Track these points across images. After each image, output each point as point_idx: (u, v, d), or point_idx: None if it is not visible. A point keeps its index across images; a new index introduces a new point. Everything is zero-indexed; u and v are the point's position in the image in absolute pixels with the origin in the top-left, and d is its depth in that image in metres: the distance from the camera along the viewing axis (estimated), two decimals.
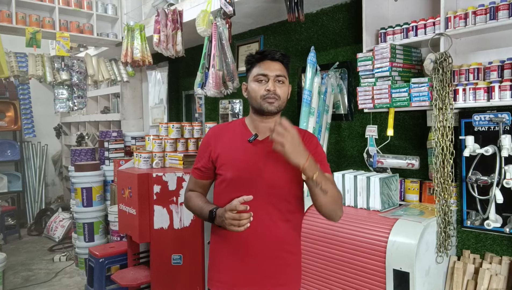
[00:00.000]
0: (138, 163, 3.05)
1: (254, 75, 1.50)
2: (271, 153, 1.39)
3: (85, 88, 4.40)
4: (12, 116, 5.95)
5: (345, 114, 2.79)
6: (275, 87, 1.47)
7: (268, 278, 1.48)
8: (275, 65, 1.49)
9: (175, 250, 2.79)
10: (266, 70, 1.48)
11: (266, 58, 1.50)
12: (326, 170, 1.50)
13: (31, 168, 6.37)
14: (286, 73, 1.53)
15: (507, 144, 1.85)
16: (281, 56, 1.51)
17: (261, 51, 1.53)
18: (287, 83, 1.53)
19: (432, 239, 1.97)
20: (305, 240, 2.26)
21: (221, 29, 2.83)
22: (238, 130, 1.57)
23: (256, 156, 1.48)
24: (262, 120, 1.53)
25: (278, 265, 1.49)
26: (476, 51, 2.11)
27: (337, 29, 2.84)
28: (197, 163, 1.62)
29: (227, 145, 1.54)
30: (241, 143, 1.52)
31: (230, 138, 1.55)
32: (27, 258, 4.76)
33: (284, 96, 1.51)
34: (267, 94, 1.46)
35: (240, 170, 1.48)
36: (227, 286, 1.51)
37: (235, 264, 1.49)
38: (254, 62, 1.52)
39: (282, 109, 1.53)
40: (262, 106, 1.48)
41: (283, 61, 1.52)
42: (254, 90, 1.49)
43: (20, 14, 3.54)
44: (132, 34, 3.76)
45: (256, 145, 1.50)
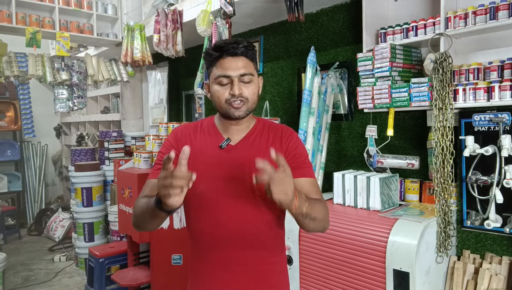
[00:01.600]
0: (138, 163, 3.05)
1: (215, 77, 1.27)
2: (246, 158, 1.27)
3: (85, 88, 4.40)
4: (12, 116, 5.95)
5: (345, 114, 2.79)
6: (241, 89, 1.25)
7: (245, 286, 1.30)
8: (237, 62, 1.25)
9: (175, 250, 2.79)
10: (228, 70, 1.24)
11: (226, 54, 1.25)
12: (308, 174, 1.33)
13: (31, 168, 6.37)
14: (253, 68, 1.29)
15: (507, 144, 1.85)
16: (244, 49, 1.26)
17: (219, 45, 1.27)
18: (256, 80, 1.30)
19: (432, 239, 1.97)
20: (305, 240, 2.26)
21: (221, 29, 2.83)
22: (207, 132, 1.35)
23: (229, 165, 1.27)
24: (232, 122, 1.32)
25: (261, 278, 1.31)
26: (476, 51, 2.11)
27: (337, 29, 2.84)
28: (158, 165, 1.31)
29: (197, 151, 1.29)
30: (212, 149, 1.31)
31: (200, 142, 1.34)
32: (27, 258, 4.76)
33: (254, 97, 1.29)
34: (231, 98, 1.25)
35: (211, 182, 1.26)
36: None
37: (217, 283, 1.30)
38: (213, 61, 1.27)
39: (252, 110, 1.32)
40: (228, 112, 1.27)
41: (247, 55, 1.28)
42: (217, 93, 1.27)
43: (20, 14, 3.54)
44: (132, 34, 3.76)
45: (229, 151, 1.30)
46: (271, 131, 1.36)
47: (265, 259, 1.32)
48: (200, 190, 1.26)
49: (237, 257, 1.28)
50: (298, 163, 1.32)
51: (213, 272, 1.30)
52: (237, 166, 1.26)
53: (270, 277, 1.33)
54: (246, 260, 1.29)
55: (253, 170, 1.11)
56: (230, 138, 1.32)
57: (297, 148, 1.35)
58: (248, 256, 1.29)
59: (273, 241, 1.35)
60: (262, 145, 1.33)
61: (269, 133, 1.36)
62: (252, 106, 1.30)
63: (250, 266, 1.30)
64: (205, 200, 1.28)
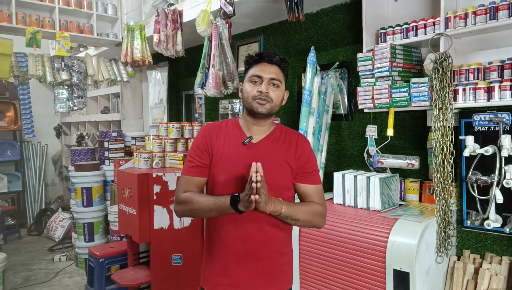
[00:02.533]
0: (138, 163, 3.05)
1: (249, 76, 1.49)
2: (265, 156, 1.46)
3: (85, 88, 4.39)
4: (12, 116, 5.95)
5: (345, 114, 2.79)
6: (268, 89, 1.46)
7: (260, 277, 1.49)
8: (271, 68, 1.48)
9: (175, 250, 2.79)
10: (261, 72, 1.47)
11: (263, 60, 1.49)
12: (315, 182, 1.54)
13: (31, 168, 6.37)
14: (282, 77, 1.51)
15: (507, 144, 1.85)
16: (279, 60, 1.50)
17: (260, 52, 1.53)
18: (283, 88, 1.52)
19: (432, 239, 1.97)
20: (305, 240, 2.26)
21: (221, 29, 2.83)
22: (231, 131, 1.55)
23: (250, 159, 1.41)
24: (255, 122, 1.52)
25: (270, 266, 1.50)
26: (476, 51, 2.11)
27: (337, 29, 2.84)
28: (194, 161, 1.52)
29: (222, 145, 1.51)
30: (235, 145, 1.50)
31: (224, 138, 1.53)
32: (27, 258, 4.76)
33: (278, 100, 1.50)
34: (258, 95, 1.46)
35: (233, 173, 1.46)
36: (215, 286, 1.52)
37: (228, 265, 1.49)
38: (252, 63, 1.51)
39: (274, 112, 1.52)
40: (252, 106, 1.47)
41: (280, 65, 1.51)
42: (247, 90, 1.49)
43: (20, 14, 3.54)
44: (132, 34, 3.76)
45: (250, 148, 1.50)
46: (288, 136, 1.57)
47: (277, 235, 1.51)
48: (222, 179, 1.47)
49: (253, 232, 1.47)
50: (308, 170, 1.53)
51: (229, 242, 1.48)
52: (256, 160, 1.38)
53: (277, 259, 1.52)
54: (259, 235, 1.47)
55: (270, 166, 1.42)
56: (252, 137, 1.51)
57: (309, 156, 1.55)
58: (261, 233, 1.47)
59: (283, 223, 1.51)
60: (279, 146, 1.53)
61: (286, 137, 1.56)
62: (274, 108, 1.50)
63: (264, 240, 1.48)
64: (226, 188, 1.46)
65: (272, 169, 1.45)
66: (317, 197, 1.52)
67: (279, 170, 1.48)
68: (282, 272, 1.54)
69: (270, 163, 1.44)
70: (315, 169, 1.56)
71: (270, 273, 1.50)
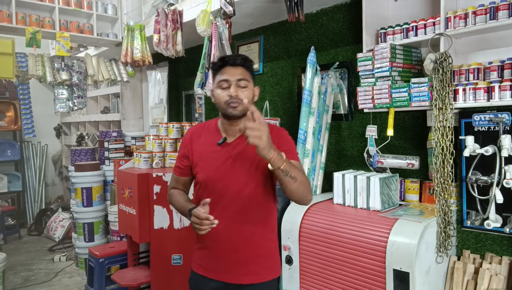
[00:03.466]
0: (138, 163, 3.05)
1: (217, 82, 1.57)
2: (238, 154, 1.57)
3: (85, 88, 4.39)
4: (12, 116, 5.95)
5: (345, 114, 2.79)
6: (238, 91, 1.53)
7: (239, 267, 1.59)
8: (236, 70, 1.55)
9: (175, 250, 2.79)
10: (227, 75, 1.54)
11: (227, 64, 1.56)
12: (294, 158, 1.57)
13: (31, 168, 6.37)
14: (249, 76, 1.58)
15: (507, 144, 1.85)
16: (242, 60, 1.57)
17: (222, 57, 1.60)
18: (251, 86, 1.59)
19: (432, 239, 1.97)
20: (305, 240, 2.26)
21: (221, 29, 2.83)
22: (210, 132, 1.67)
23: (224, 159, 1.58)
24: (230, 123, 1.61)
25: (249, 258, 1.60)
26: (476, 51, 2.11)
27: (337, 29, 2.84)
28: (177, 161, 1.73)
29: (201, 147, 1.65)
30: (211, 145, 1.62)
31: (204, 139, 1.66)
32: (27, 258, 4.76)
33: (249, 99, 1.56)
34: (229, 100, 1.53)
35: (210, 172, 1.59)
36: (202, 270, 1.66)
37: (210, 253, 1.63)
38: (217, 69, 1.58)
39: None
40: (226, 111, 1.56)
41: (244, 65, 1.57)
42: (218, 96, 1.56)
43: (20, 14, 3.54)
44: (132, 34, 3.76)
45: (225, 147, 1.60)
46: None
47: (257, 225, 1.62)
48: (201, 177, 1.62)
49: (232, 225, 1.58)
50: (287, 148, 1.56)
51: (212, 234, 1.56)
52: (230, 160, 1.57)
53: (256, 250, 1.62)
54: (238, 227, 1.58)
55: (244, 163, 1.56)
56: (227, 137, 1.61)
57: (286, 140, 1.62)
58: (239, 226, 1.58)
59: (263, 212, 1.62)
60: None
61: None
62: (247, 108, 1.51)
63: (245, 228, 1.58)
64: (205, 186, 1.61)
65: (246, 166, 1.56)
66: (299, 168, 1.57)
67: (253, 167, 1.56)
68: (262, 262, 1.63)
69: (243, 161, 1.57)
70: (294, 151, 1.63)
71: (250, 264, 1.60)
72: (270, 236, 1.68)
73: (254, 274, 1.61)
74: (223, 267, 1.61)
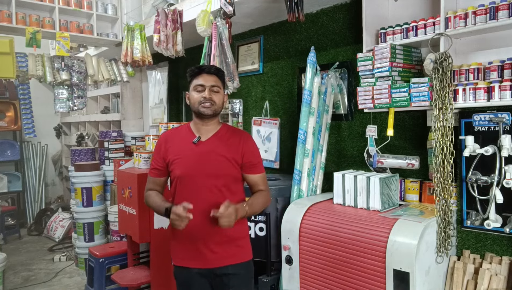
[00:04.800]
0: (138, 163, 3.05)
1: (194, 86, 1.81)
2: (211, 151, 1.80)
3: (85, 88, 4.39)
4: (12, 116, 5.95)
5: (345, 114, 2.79)
6: (211, 94, 1.79)
7: (215, 252, 1.79)
8: (211, 78, 1.81)
9: None
10: (203, 81, 1.80)
11: (203, 71, 1.81)
12: (260, 171, 1.89)
13: (31, 168, 6.37)
14: (220, 84, 1.85)
15: (507, 144, 1.85)
16: (216, 70, 1.85)
17: (200, 66, 1.86)
18: (222, 92, 1.86)
19: (432, 239, 1.97)
20: (305, 240, 2.26)
21: (221, 29, 2.83)
22: (184, 133, 1.88)
23: (199, 155, 1.80)
24: (203, 123, 1.84)
25: (223, 242, 1.80)
26: (476, 51, 2.11)
27: (337, 29, 2.84)
28: (153, 164, 1.91)
29: (176, 147, 1.85)
30: (187, 144, 1.83)
31: (178, 141, 1.87)
32: (27, 258, 4.76)
33: (220, 102, 1.83)
34: (203, 100, 1.78)
35: (187, 167, 1.80)
36: (183, 261, 1.83)
37: (188, 244, 1.81)
38: (194, 75, 1.82)
39: (218, 113, 1.85)
40: (199, 110, 1.79)
41: (217, 74, 1.84)
42: (194, 97, 1.81)
43: (20, 14, 3.54)
44: (132, 34, 3.76)
45: (199, 145, 1.82)
46: (233, 134, 1.89)
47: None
48: (178, 173, 1.81)
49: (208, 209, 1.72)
50: (254, 162, 1.87)
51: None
52: (204, 156, 1.80)
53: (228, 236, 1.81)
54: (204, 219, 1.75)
55: (216, 159, 1.79)
56: (201, 136, 1.83)
57: (253, 150, 1.88)
58: (206, 217, 1.73)
59: (234, 201, 1.76)
60: (224, 143, 1.84)
61: (231, 135, 1.87)
62: (218, 109, 1.84)
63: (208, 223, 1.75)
64: (183, 181, 1.81)
65: (218, 162, 1.79)
66: (262, 184, 1.89)
67: (224, 162, 1.79)
68: (236, 245, 1.83)
69: (217, 157, 1.79)
70: (259, 161, 1.90)
71: (226, 248, 1.80)
72: (240, 222, 1.84)
73: (231, 256, 1.81)
74: (201, 255, 1.79)
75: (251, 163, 1.85)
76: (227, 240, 1.80)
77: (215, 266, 1.80)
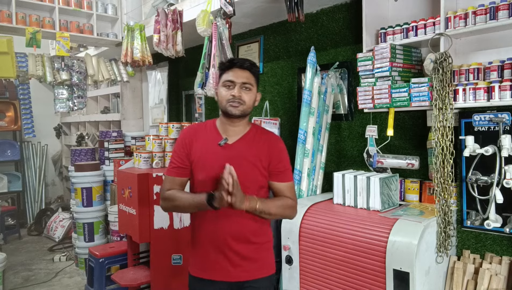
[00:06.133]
0: (138, 163, 3.05)
1: (223, 81, 1.62)
2: (239, 156, 1.61)
3: (85, 88, 4.39)
4: (12, 116, 5.95)
5: (345, 114, 2.79)
6: (241, 93, 1.59)
7: (237, 265, 1.63)
8: (243, 73, 1.61)
9: (175, 250, 2.79)
10: (233, 77, 1.60)
11: (235, 66, 1.61)
12: (287, 179, 1.69)
13: (31, 168, 6.37)
14: (253, 81, 1.64)
15: (507, 144, 1.85)
16: (250, 65, 1.63)
17: (231, 59, 1.66)
18: (255, 91, 1.65)
19: (432, 239, 1.97)
20: (305, 240, 2.26)
21: (221, 29, 2.83)
22: (209, 132, 1.69)
23: (225, 159, 1.57)
24: (230, 123, 1.65)
25: (246, 255, 1.64)
26: (476, 51, 2.11)
27: (337, 29, 2.84)
28: (175, 162, 1.69)
29: (200, 146, 1.66)
30: (212, 146, 1.64)
31: (203, 140, 1.67)
32: (27, 258, 4.76)
33: (250, 102, 1.63)
34: (232, 99, 1.59)
35: (210, 173, 1.60)
36: (201, 272, 1.68)
37: (206, 252, 1.66)
38: (225, 69, 1.63)
39: (248, 114, 1.66)
40: (227, 109, 1.60)
41: (251, 70, 1.63)
42: (222, 94, 1.62)
43: (20, 14, 3.54)
44: (132, 34, 3.76)
45: (226, 148, 1.63)
46: (262, 136, 1.70)
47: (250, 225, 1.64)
48: (201, 177, 1.63)
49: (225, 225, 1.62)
50: (281, 169, 1.67)
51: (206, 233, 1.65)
52: (231, 161, 1.53)
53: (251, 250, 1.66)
54: (231, 227, 1.62)
55: (244, 166, 1.59)
56: (228, 138, 1.64)
57: (281, 156, 1.69)
58: (232, 225, 1.62)
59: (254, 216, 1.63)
60: (253, 147, 1.65)
61: (260, 138, 1.69)
62: (247, 110, 1.63)
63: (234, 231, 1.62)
64: (205, 186, 1.61)
65: (246, 168, 1.60)
66: (289, 193, 1.69)
67: (252, 170, 1.62)
68: (259, 259, 1.67)
69: (244, 163, 1.60)
70: (288, 168, 1.71)
71: (248, 261, 1.64)
72: (267, 233, 1.72)
73: (252, 270, 1.65)
74: (222, 267, 1.63)
75: (278, 170, 1.67)
76: (251, 253, 1.65)
77: (236, 280, 1.64)
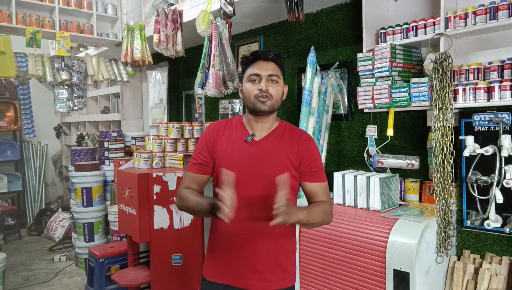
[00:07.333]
0: (138, 163, 3.05)
1: (248, 76, 1.51)
2: (267, 153, 1.51)
3: (85, 88, 4.39)
4: (12, 116, 5.95)
5: (345, 114, 2.79)
6: (268, 86, 1.48)
7: (255, 273, 1.51)
8: (268, 65, 1.50)
9: (175, 250, 2.79)
10: (258, 70, 1.49)
11: (259, 58, 1.51)
12: (320, 179, 1.57)
13: (31, 168, 6.37)
14: (280, 72, 1.53)
15: (507, 144, 1.85)
16: (275, 56, 1.52)
17: (255, 51, 1.54)
18: (281, 83, 1.54)
19: (432, 239, 1.97)
20: (305, 240, 2.26)
21: (221, 29, 2.83)
22: (235, 128, 1.58)
23: (252, 156, 1.50)
24: (257, 120, 1.55)
25: (266, 263, 1.51)
26: (476, 51, 2.11)
27: (337, 29, 2.84)
28: (196, 158, 1.58)
29: (225, 143, 1.55)
30: (238, 142, 1.54)
31: (228, 136, 1.56)
32: (27, 258, 4.76)
33: (278, 95, 1.52)
34: (259, 94, 1.48)
35: (237, 171, 1.46)
36: (213, 275, 1.57)
37: (224, 256, 1.54)
38: (248, 63, 1.53)
39: (276, 108, 1.55)
40: (255, 105, 1.50)
41: (276, 61, 1.52)
42: (248, 90, 1.51)
43: (20, 14, 3.54)
44: (132, 34, 3.76)
45: (253, 145, 1.53)
46: (291, 133, 1.58)
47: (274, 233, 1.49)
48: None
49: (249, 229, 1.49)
50: (314, 169, 1.55)
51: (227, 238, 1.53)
52: (258, 158, 1.48)
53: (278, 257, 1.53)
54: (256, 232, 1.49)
55: (272, 163, 1.48)
56: (255, 134, 1.54)
57: (314, 154, 1.57)
58: (258, 231, 1.48)
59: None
60: (281, 144, 1.54)
61: (289, 135, 1.57)
62: (275, 104, 1.52)
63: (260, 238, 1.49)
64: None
65: (274, 166, 1.48)
66: (324, 195, 1.56)
67: (281, 167, 1.48)
68: (279, 269, 1.54)
69: (272, 160, 1.49)
70: (321, 167, 1.58)
71: (267, 270, 1.51)
72: (290, 242, 1.60)
73: (274, 280, 1.52)
74: (241, 273, 1.51)
75: (311, 170, 1.54)
76: (273, 260, 1.52)
77: (254, 289, 1.51)
